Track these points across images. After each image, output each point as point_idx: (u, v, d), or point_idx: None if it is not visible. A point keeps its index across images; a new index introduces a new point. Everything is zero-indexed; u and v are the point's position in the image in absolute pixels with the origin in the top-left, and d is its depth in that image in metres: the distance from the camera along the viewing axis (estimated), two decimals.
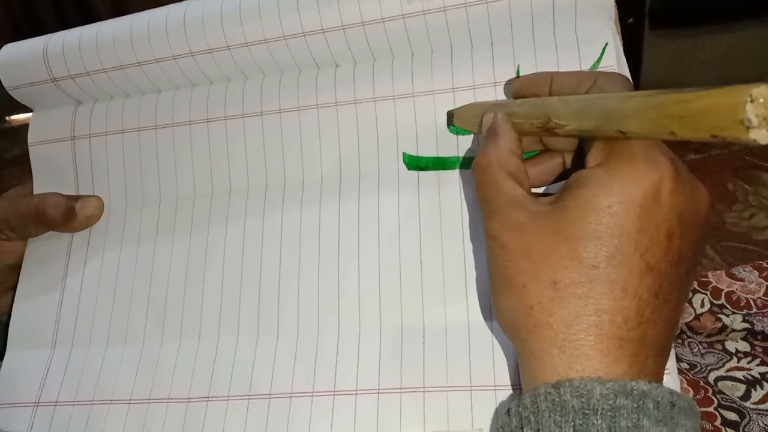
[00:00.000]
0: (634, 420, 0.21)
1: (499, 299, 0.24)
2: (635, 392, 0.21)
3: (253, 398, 0.29)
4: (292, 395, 0.29)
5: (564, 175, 0.28)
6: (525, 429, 0.22)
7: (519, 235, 0.24)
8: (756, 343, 0.46)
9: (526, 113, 0.26)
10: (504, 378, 0.27)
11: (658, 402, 0.21)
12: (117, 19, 0.34)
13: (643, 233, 0.22)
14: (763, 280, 0.49)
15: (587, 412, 0.21)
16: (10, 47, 0.36)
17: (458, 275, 0.29)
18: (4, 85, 0.35)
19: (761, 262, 0.51)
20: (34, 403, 0.32)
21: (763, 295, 0.48)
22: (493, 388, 0.27)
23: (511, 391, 0.27)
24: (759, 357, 0.44)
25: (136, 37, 0.33)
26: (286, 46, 0.32)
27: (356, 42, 0.31)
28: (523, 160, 0.27)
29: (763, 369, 0.43)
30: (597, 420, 0.21)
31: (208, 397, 0.30)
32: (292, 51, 0.32)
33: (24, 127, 0.36)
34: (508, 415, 0.23)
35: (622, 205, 0.22)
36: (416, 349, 0.28)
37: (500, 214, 0.25)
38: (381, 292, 0.29)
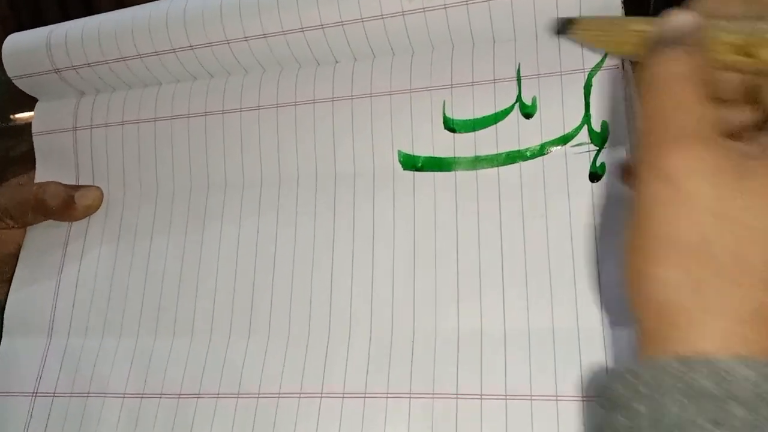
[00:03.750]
0: None
1: (654, 269, 0.18)
2: None
3: (242, 397, 0.29)
4: (280, 395, 0.29)
5: None
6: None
7: (712, 184, 0.18)
8: None
9: (726, 27, 0.21)
10: (490, 387, 0.27)
11: None
12: (119, 11, 0.34)
13: None
14: None
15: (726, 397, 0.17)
16: (14, 37, 0.36)
17: (450, 281, 0.28)
18: (8, 74, 0.36)
19: None
20: (33, 393, 0.32)
21: None
22: (479, 397, 0.27)
23: (496, 402, 0.26)
24: None
25: (137, 30, 0.33)
26: (285, 41, 0.32)
27: (355, 39, 0.31)
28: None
29: None
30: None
31: (198, 395, 0.30)
32: (291, 46, 0.32)
33: (29, 126, 0.37)
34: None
35: None
36: (404, 354, 0.28)
37: (686, 148, 0.18)
38: (373, 296, 0.29)
